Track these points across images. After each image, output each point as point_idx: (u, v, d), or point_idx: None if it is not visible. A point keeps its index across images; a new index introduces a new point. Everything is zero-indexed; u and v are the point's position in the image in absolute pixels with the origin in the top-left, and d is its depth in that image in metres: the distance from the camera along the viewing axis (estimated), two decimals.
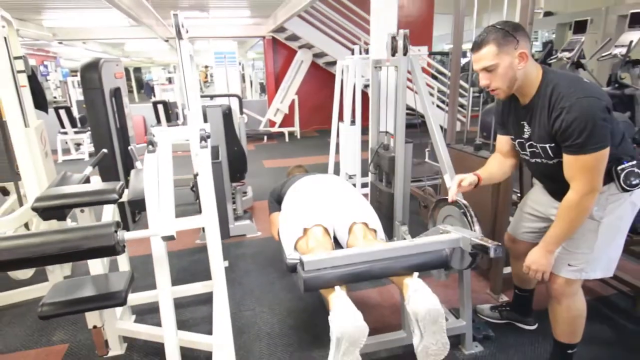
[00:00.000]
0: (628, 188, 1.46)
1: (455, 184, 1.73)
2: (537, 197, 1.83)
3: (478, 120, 2.69)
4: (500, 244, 1.53)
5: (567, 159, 1.44)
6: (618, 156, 1.46)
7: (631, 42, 4.84)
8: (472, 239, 1.59)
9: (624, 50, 4.79)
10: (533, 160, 1.64)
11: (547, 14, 10.46)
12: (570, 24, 6.21)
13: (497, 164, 1.81)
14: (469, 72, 2.90)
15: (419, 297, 1.47)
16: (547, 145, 1.52)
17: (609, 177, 1.48)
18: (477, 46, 1.49)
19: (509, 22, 1.50)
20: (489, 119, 2.82)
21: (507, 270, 2.47)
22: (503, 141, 1.80)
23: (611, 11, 8.11)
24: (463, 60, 4.86)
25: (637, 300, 2.24)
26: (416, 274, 1.57)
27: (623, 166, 1.45)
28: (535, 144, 1.57)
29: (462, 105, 6.49)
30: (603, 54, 3.91)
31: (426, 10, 7.66)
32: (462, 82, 5.27)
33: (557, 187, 1.58)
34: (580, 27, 5.63)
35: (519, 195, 2.64)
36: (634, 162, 1.46)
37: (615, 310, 2.26)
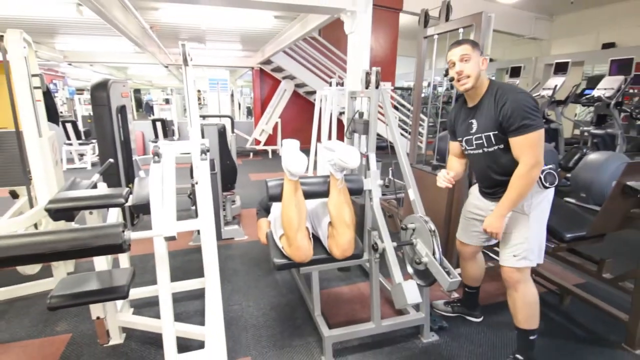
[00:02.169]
0: (547, 185, 1.63)
1: (445, 172, 1.81)
2: (475, 203, 1.91)
3: (433, 145, 2.80)
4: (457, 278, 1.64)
5: (516, 140, 1.55)
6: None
7: (556, 85, 5.17)
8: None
9: (550, 92, 5.12)
10: (477, 152, 1.73)
11: (489, 60, 11.00)
12: (507, 69, 6.56)
13: (458, 163, 1.92)
14: (428, 105, 3.01)
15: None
16: (490, 133, 1.63)
17: None
18: (457, 43, 1.66)
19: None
20: (442, 145, 2.93)
21: (458, 271, 2.54)
22: (456, 146, 1.90)
23: (539, 60, 8.63)
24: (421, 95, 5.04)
25: (563, 297, 2.34)
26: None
27: (544, 168, 1.61)
28: (480, 134, 1.68)
29: (419, 133, 6.68)
30: (533, 95, 4.12)
31: (390, 53, 7.90)
32: (421, 115, 5.45)
33: (492, 182, 1.74)
34: (515, 72, 5.98)
35: None
36: (552, 166, 1.65)
37: (546, 305, 2.33)
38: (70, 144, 6.59)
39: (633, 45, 7.18)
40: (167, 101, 10.60)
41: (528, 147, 1.53)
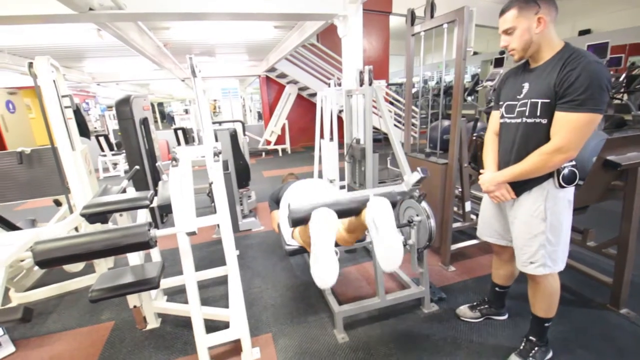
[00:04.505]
0: (564, 184, 1.30)
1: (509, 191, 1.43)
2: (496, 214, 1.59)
3: (426, 135, 2.74)
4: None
5: (561, 116, 1.20)
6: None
7: (501, 74, 5.03)
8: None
9: (492, 82, 4.99)
10: (514, 121, 1.36)
11: (474, 53, 10.75)
12: (491, 60, 6.38)
13: (496, 146, 1.53)
14: (419, 98, 2.95)
15: (374, 203, 1.35)
16: (539, 101, 1.26)
17: (551, 174, 1.32)
18: (502, 11, 1.30)
19: None
20: (434, 134, 2.87)
21: (454, 246, 2.50)
22: (498, 117, 1.52)
23: None
24: (413, 90, 4.96)
25: None
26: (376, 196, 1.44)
27: (566, 164, 1.29)
28: (526, 100, 1.31)
29: (413, 124, 6.59)
30: (479, 85, 3.97)
31: (383, 53, 7.77)
32: (413, 107, 5.35)
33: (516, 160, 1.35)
34: (498, 62, 5.84)
35: (459, 190, 2.69)
36: (574, 163, 1.31)
37: None
38: (105, 155, 6.71)
39: (607, 30, 6.94)
40: (186, 111, 10.66)
41: (570, 129, 1.17)
